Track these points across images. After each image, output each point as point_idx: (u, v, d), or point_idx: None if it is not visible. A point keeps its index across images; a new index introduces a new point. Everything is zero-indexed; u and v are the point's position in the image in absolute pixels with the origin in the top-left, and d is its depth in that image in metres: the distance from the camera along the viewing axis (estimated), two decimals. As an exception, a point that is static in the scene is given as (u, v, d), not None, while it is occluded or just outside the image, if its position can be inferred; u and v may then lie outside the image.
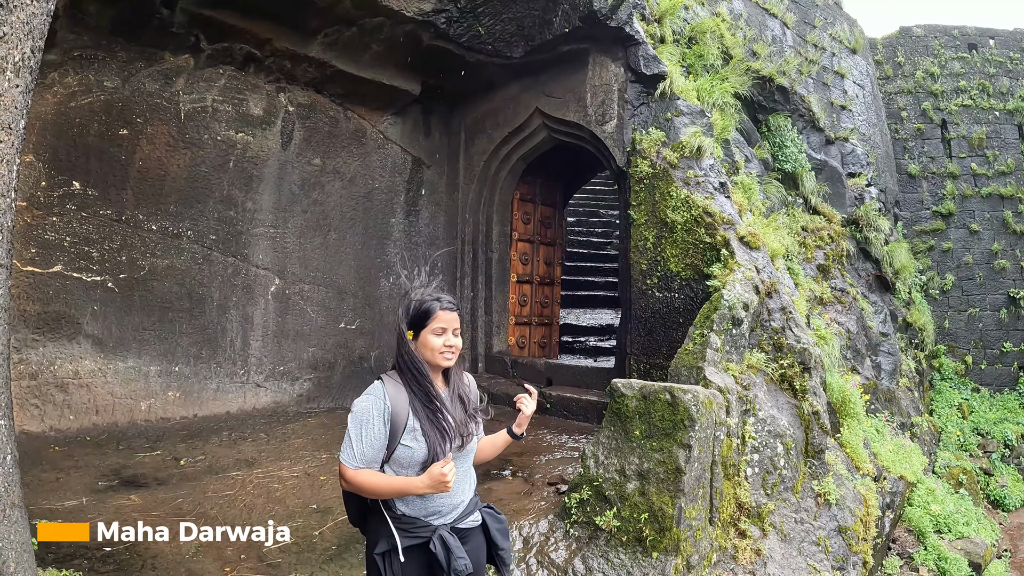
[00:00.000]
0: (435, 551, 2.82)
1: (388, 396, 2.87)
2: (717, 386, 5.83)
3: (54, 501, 5.49)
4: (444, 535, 2.87)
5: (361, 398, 2.90)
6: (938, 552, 8.14)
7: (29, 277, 7.26)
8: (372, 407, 2.86)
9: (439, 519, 2.93)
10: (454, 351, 3.00)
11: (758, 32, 12.10)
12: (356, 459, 2.82)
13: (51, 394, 7.43)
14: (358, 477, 2.82)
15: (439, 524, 2.91)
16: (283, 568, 4.54)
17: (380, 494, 2.85)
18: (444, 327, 2.97)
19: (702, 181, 7.87)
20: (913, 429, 11.06)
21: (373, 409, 2.86)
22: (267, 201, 9.06)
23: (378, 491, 2.83)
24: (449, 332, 2.98)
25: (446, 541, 2.85)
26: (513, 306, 10.88)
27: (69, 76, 7.47)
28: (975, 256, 15.95)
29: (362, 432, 2.83)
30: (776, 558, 5.61)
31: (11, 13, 2.46)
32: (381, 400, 2.87)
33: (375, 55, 8.91)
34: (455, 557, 2.81)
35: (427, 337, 2.97)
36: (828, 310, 10.60)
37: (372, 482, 2.82)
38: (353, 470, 2.82)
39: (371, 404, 2.87)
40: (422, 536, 2.86)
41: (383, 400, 2.87)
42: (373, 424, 2.84)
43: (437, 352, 2.96)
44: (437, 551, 2.81)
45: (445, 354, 2.98)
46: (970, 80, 16.82)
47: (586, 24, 8.35)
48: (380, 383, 2.93)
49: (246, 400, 8.84)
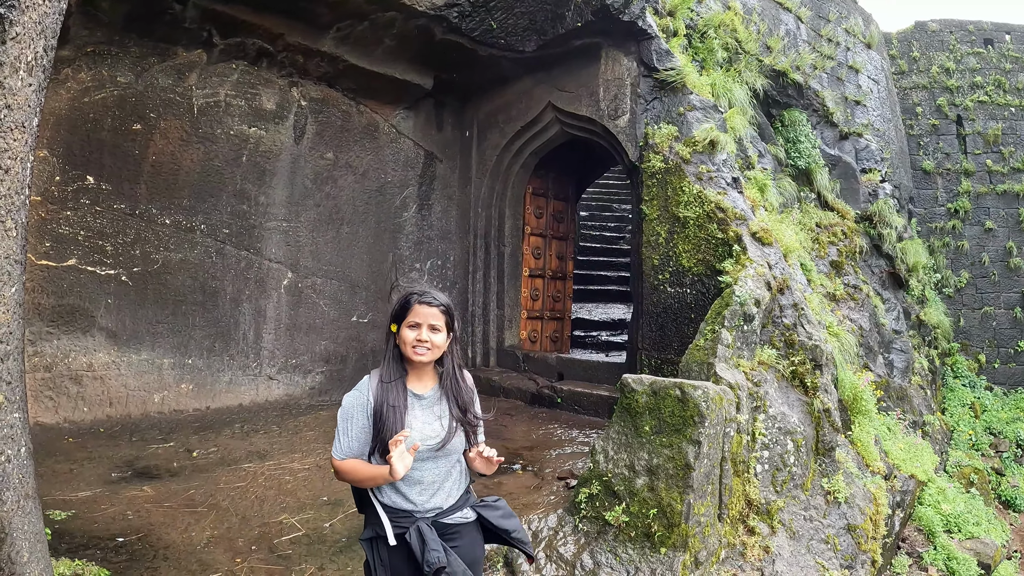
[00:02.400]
0: (410, 541, 2.83)
1: (371, 391, 2.97)
2: (728, 382, 5.82)
3: (68, 492, 5.55)
4: (421, 527, 2.87)
5: (349, 393, 3.03)
6: (948, 552, 8.11)
7: (43, 271, 7.32)
8: (356, 402, 2.98)
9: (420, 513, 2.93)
10: (427, 347, 2.96)
11: (772, 26, 12.03)
12: (342, 452, 2.95)
13: (65, 386, 7.49)
14: (343, 466, 2.93)
15: (420, 517, 2.91)
16: (293, 559, 4.57)
17: (359, 482, 2.94)
18: (418, 321, 2.95)
19: (715, 176, 7.85)
20: (925, 427, 11.01)
21: (356, 404, 2.98)
22: (280, 195, 9.09)
23: (356, 479, 2.93)
24: (424, 327, 2.95)
25: (422, 532, 2.85)
26: (525, 300, 10.89)
27: (82, 72, 7.51)
28: (990, 254, 15.83)
29: (347, 426, 2.96)
30: (785, 555, 5.60)
31: (24, 13, 2.48)
32: (364, 395, 2.98)
33: (387, 49, 8.92)
34: (428, 549, 2.80)
35: (403, 331, 2.99)
36: (841, 307, 10.56)
37: (352, 470, 2.92)
38: (340, 460, 2.94)
39: (355, 399, 2.99)
40: (404, 526, 2.88)
41: (366, 395, 2.97)
42: (356, 419, 2.96)
43: (408, 347, 2.96)
44: (412, 541, 2.83)
45: (417, 348, 2.95)
46: (986, 76, 16.67)
47: (598, 18, 8.33)
48: (367, 378, 3.04)
49: (258, 393, 8.89)
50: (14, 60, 2.47)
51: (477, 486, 5.89)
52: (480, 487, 5.87)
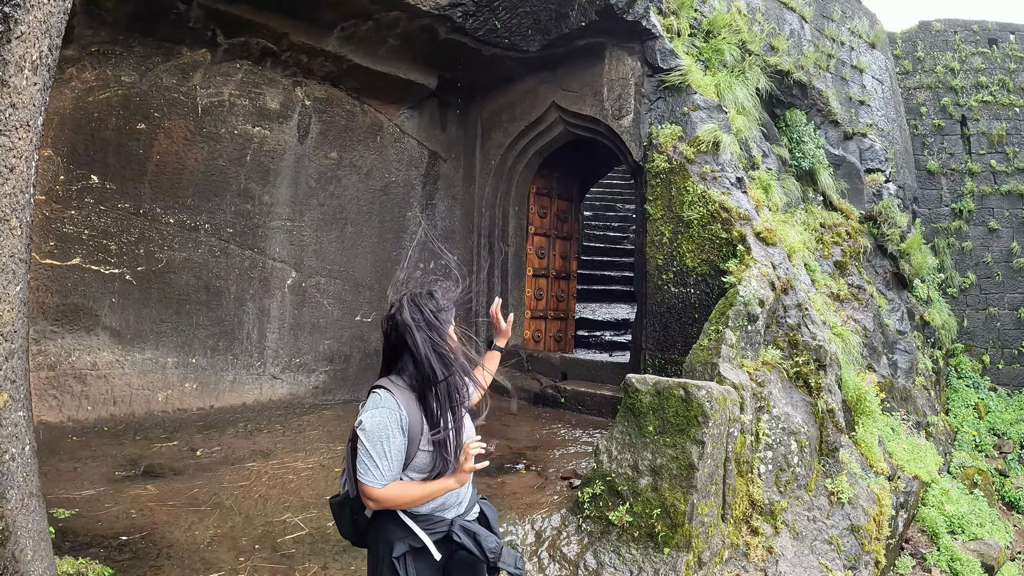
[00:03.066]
0: (461, 540, 2.78)
1: (401, 405, 2.74)
2: (732, 383, 5.82)
3: (71, 490, 5.55)
4: (465, 524, 2.84)
5: (373, 413, 2.73)
6: (951, 553, 8.10)
7: (48, 270, 7.33)
8: (389, 420, 2.71)
9: (452, 512, 2.89)
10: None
11: (776, 26, 12.02)
12: (384, 477, 2.69)
13: (69, 385, 7.50)
14: (387, 494, 2.69)
15: (453, 516, 2.87)
16: (297, 558, 4.58)
17: (417, 502, 2.76)
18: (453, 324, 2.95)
19: (719, 176, 7.85)
20: (928, 428, 10.99)
21: (390, 422, 2.71)
22: (284, 195, 9.10)
23: (415, 500, 2.74)
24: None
25: (468, 528, 2.82)
26: (529, 300, 10.89)
27: (87, 71, 7.52)
28: (994, 254, 15.79)
29: (384, 448, 2.69)
30: (788, 556, 5.60)
31: (28, 12, 2.48)
32: (396, 411, 2.72)
33: (391, 49, 8.92)
34: (483, 537, 2.79)
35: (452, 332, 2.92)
36: (845, 307, 10.54)
37: (407, 493, 2.73)
38: (381, 488, 2.68)
39: (387, 417, 2.71)
40: (440, 531, 2.81)
41: (398, 410, 2.73)
42: (393, 437, 2.70)
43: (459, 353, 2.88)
44: (464, 540, 2.78)
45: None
46: (990, 75, 16.64)
47: (602, 18, 8.33)
48: (388, 393, 2.77)
49: (262, 392, 8.90)
50: (19, 59, 2.47)
51: (480, 486, 5.90)
52: (483, 487, 5.88)
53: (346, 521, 2.94)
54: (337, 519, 2.98)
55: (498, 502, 5.50)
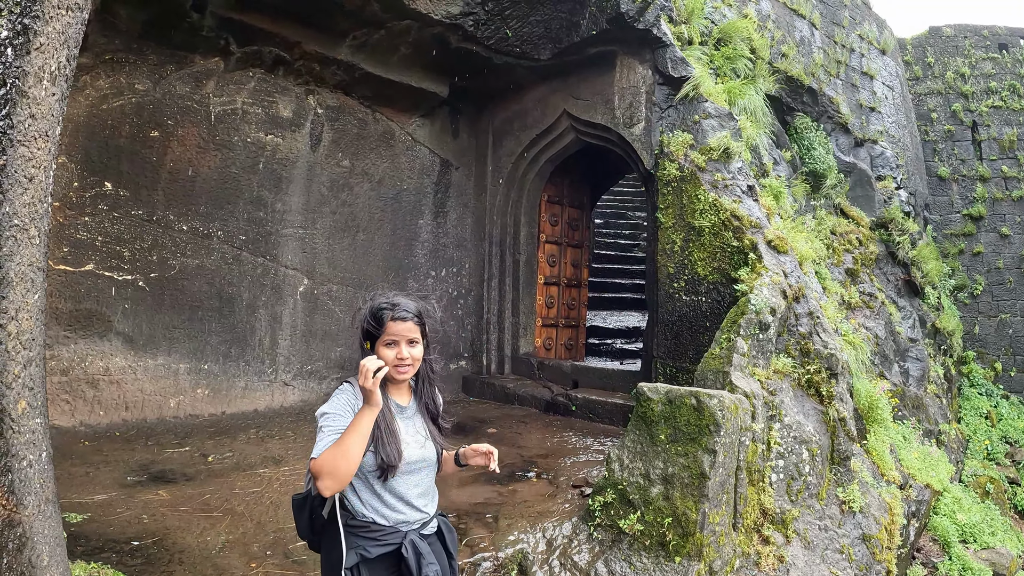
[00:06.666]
0: (407, 556, 2.75)
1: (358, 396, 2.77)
2: (743, 391, 5.81)
3: (84, 495, 5.58)
4: (415, 540, 2.82)
5: (332, 398, 2.80)
6: (963, 562, 8.06)
7: (61, 275, 7.38)
8: (342, 401, 2.77)
9: (407, 526, 2.86)
10: (408, 363, 2.85)
11: (786, 33, 12.02)
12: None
13: (82, 390, 7.55)
14: (322, 458, 2.59)
15: (408, 530, 2.84)
16: (309, 565, 4.58)
17: (349, 449, 2.58)
18: (395, 339, 2.82)
19: (730, 184, 7.84)
20: (940, 436, 10.94)
21: (343, 404, 2.76)
22: (296, 202, 9.14)
23: (347, 449, 2.58)
24: (402, 343, 2.82)
25: (417, 547, 2.80)
26: (540, 308, 10.89)
27: (101, 79, 7.58)
28: (1006, 260, 15.72)
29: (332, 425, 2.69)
30: (799, 565, 5.58)
31: (47, 24, 2.51)
32: (351, 397, 2.79)
33: (403, 57, 8.97)
34: (426, 563, 2.77)
35: (380, 350, 2.81)
36: (856, 315, 10.51)
37: (332, 454, 2.59)
38: (317, 457, 2.63)
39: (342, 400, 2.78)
40: (392, 543, 2.79)
41: (353, 397, 2.78)
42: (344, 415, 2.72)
43: (391, 367, 2.80)
44: (408, 556, 2.75)
45: (399, 368, 2.83)
46: (1001, 81, 16.59)
47: (613, 26, 8.35)
48: (349, 384, 2.85)
49: (274, 398, 8.93)
50: (38, 70, 2.49)
51: (491, 494, 5.91)
52: (495, 495, 5.88)
53: (304, 520, 2.93)
54: (297, 518, 2.97)
55: (509, 510, 5.50)
